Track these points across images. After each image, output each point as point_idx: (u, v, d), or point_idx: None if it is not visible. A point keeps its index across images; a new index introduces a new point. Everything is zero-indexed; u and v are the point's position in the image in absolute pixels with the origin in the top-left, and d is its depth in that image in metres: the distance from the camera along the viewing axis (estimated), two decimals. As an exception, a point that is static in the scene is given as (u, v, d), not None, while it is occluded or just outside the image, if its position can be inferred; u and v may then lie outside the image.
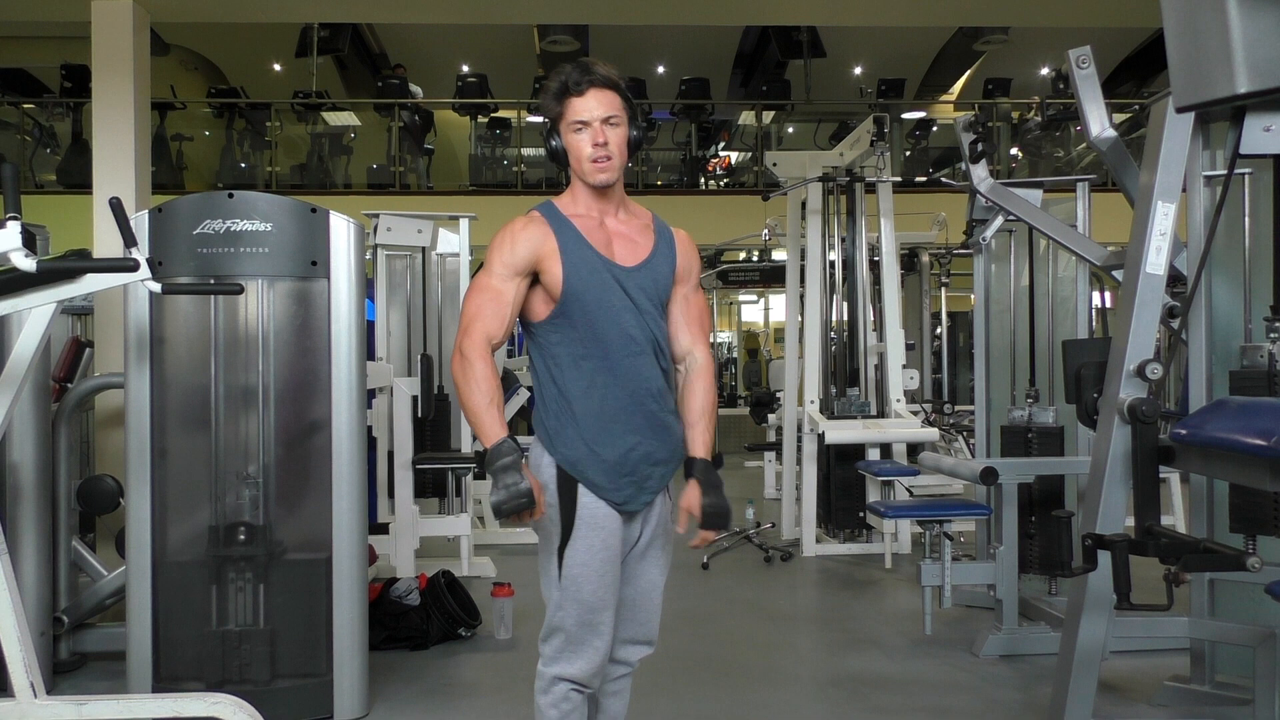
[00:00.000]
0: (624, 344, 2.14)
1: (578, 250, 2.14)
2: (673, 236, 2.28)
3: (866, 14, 7.33)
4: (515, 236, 2.15)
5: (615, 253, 2.18)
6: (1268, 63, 1.20)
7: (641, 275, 2.18)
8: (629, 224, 2.23)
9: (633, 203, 2.27)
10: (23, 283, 2.69)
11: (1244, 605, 3.19)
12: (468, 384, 2.06)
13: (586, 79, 2.12)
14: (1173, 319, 3.19)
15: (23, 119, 12.39)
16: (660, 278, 2.21)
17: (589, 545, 2.12)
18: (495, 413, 2.05)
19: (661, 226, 2.29)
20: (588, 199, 2.19)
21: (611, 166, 2.14)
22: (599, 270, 2.14)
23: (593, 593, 2.12)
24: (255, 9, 6.95)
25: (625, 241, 2.20)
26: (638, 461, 2.16)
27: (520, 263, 2.13)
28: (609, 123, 2.13)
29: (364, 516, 3.38)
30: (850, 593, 5.23)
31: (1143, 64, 13.50)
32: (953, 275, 9.35)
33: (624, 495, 2.16)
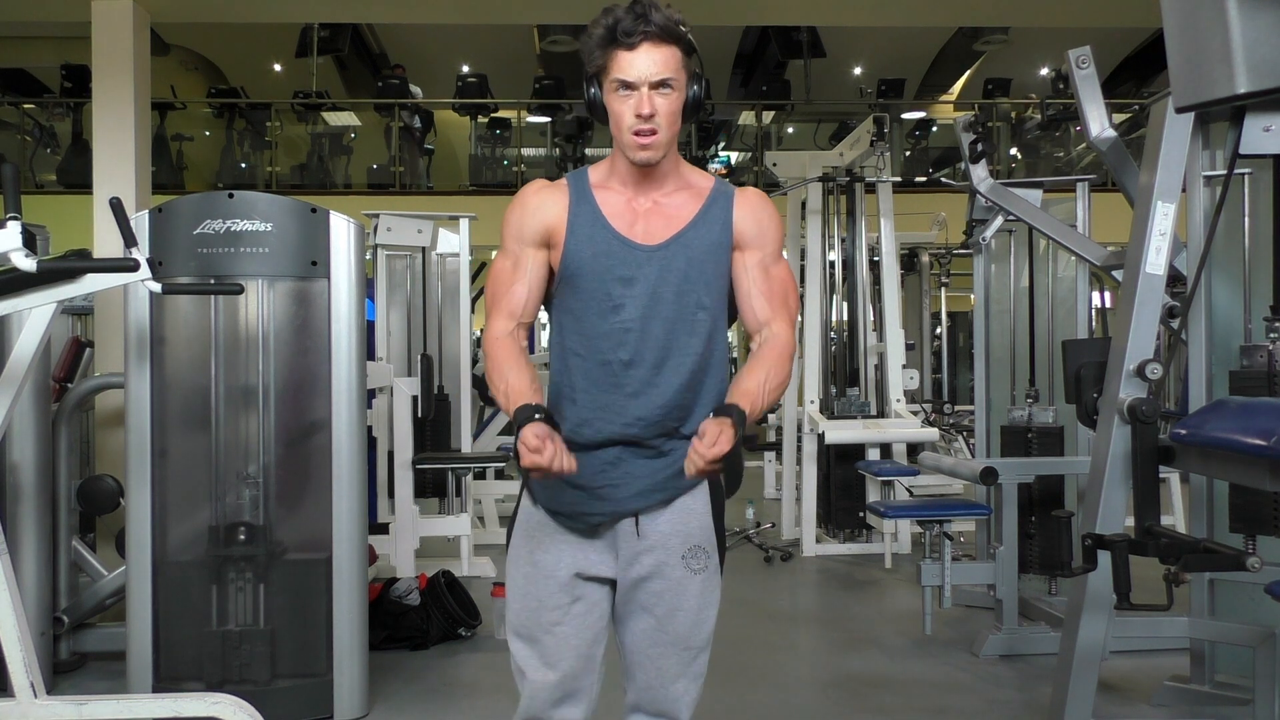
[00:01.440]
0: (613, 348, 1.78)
1: (588, 226, 1.80)
2: (733, 197, 1.85)
3: (866, 14, 7.33)
4: (525, 205, 1.85)
5: (639, 231, 1.81)
6: (1268, 63, 1.20)
7: (670, 252, 1.79)
8: (673, 196, 1.84)
9: (694, 171, 1.89)
10: (23, 283, 2.70)
11: (1244, 605, 3.19)
12: (490, 376, 1.79)
13: (641, 29, 1.69)
14: (1173, 319, 3.19)
15: (23, 119, 12.38)
16: (699, 250, 1.80)
17: (515, 556, 1.85)
18: (517, 390, 1.73)
19: (721, 190, 1.86)
20: (625, 173, 1.82)
21: (657, 143, 1.74)
22: (607, 253, 1.79)
23: (516, 615, 1.83)
24: (255, 9, 6.95)
25: (658, 218, 1.82)
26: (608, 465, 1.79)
27: (531, 233, 1.83)
28: (661, 88, 1.72)
29: (364, 516, 3.38)
30: (850, 593, 5.23)
31: (1143, 64, 13.49)
32: (953, 275, 9.35)
33: (566, 502, 1.80)
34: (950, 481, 6.27)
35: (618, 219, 1.81)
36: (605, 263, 1.79)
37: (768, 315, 1.85)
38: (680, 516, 1.82)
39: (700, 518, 1.83)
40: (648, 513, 1.81)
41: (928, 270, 9.40)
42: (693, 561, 1.82)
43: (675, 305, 1.79)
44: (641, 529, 1.81)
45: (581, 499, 1.80)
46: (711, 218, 1.83)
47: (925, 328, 9.53)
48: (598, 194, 1.83)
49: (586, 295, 1.80)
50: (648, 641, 1.84)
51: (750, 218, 1.85)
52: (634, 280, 1.79)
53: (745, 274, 1.86)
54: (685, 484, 1.79)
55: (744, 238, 1.85)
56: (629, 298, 1.78)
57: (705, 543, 1.84)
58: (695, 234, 1.81)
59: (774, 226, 1.88)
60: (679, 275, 1.79)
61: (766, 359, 1.81)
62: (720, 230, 1.83)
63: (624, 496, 1.79)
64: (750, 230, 1.85)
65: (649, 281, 1.79)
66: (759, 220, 1.86)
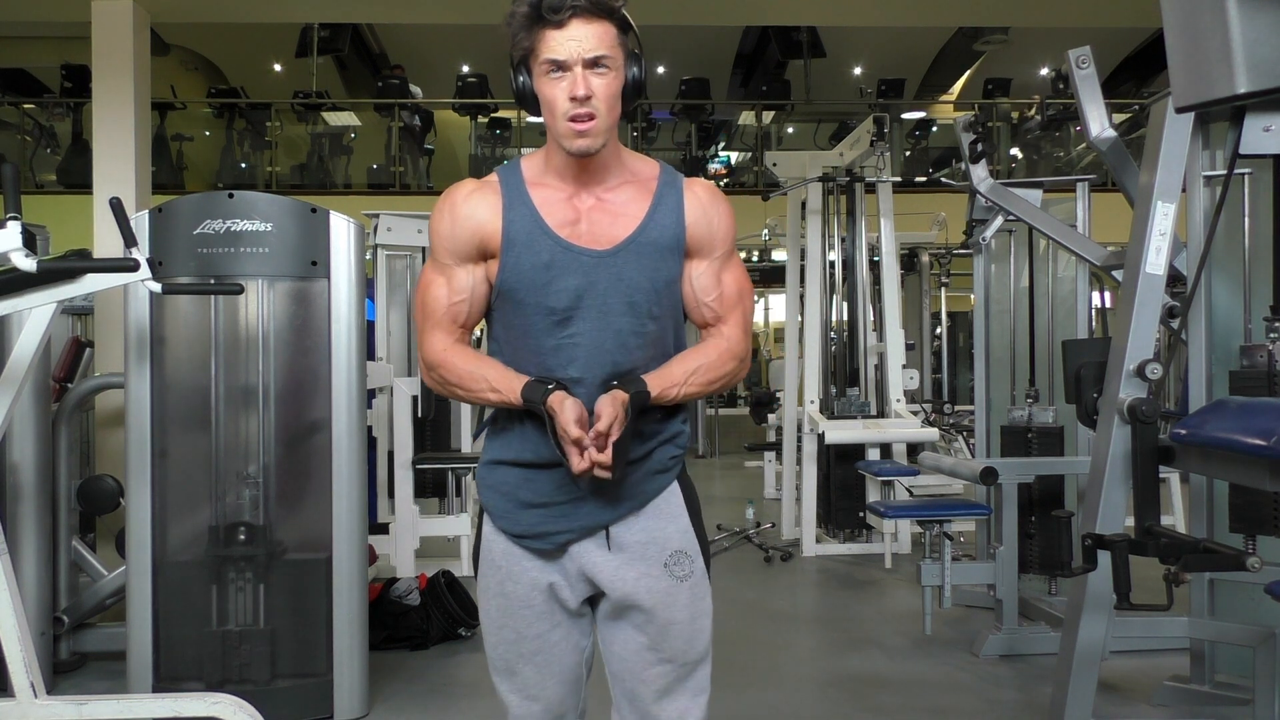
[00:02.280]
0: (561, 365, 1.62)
1: (525, 233, 1.61)
2: (682, 192, 1.68)
3: (866, 14, 7.33)
4: (454, 214, 1.64)
5: (583, 233, 1.62)
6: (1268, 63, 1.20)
7: (620, 259, 1.62)
8: (618, 191, 1.66)
9: (635, 157, 1.71)
10: (23, 283, 2.70)
11: (1244, 605, 3.19)
12: (457, 384, 1.65)
13: (569, 3, 1.52)
14: (1173, 319, 3.19)
15: (23, 119, 12.39)
16: (652, 257, 1.63)
17: (485, 587, 1.72)
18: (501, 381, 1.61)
19: (668, 182, 1.68)
20: (562, 166, 1.64)
21: (595, 129, 1.56)
22: (549, 264, 1.61)
23: (494, 648, 1.73)
24: (255, 9, 6.95)
25: (603, 216, 1.64)
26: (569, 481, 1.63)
27: (464, 248, 1.64)
28: (597, 67, 1.55)
29: (364, 516, 3.38)
30: (850, 593, 5.23)
31: (1143, 64, 13.50)
32: (953, 275, 9.35)
33: (526, 523, 1.67)
34: (950, 481, 6.27)
35: (557, 221, 1.63)
36: (547, 275, 1.61)
37: (716, 317, 1.72)
38: (655, 522, 1.69)
39: (676, 520, 1.70)
40: (619, 524, 1.67)
41: (928, 270, 9.41)
42: (676, 568, 1.69)
43: (627, 316, 1.63)
44: (614, 541, 1.67)
45: (544, 518, 1.66)
46: (662, 218, 1.66)
47: (925, 328, 9.54)
48: (534, 193, 1.65)
49: (530, 310, 1.62)
50: (641, 663, 1.69)
51: (702, 218, 1.69)
52: (580, 291, 1.61)
53: (695, 279, 1.70)
54: (654, 487, 1.69)
55: (696, 240, 1.69)
56: (576, 310, 1.61)
57: (687, 546, 1.70)
58: (646, 237, 1.64)
59: (726, 223, 1.72)
60: (629, 284, 1.62)
61: (706, 352, 1.69)
62: (673, 233, 1.66)
63: (590, 510, 1.65)
64: (702, 232, 1.69)
65: (598, 292, 1.62)
66: (710, 219, 1.70)
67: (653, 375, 1.63)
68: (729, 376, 1.71)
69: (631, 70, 1.61)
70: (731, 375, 1.71)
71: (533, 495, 1.66)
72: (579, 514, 1.66)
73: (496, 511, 1.70)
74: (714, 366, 1.68)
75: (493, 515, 1.71)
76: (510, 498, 1.68)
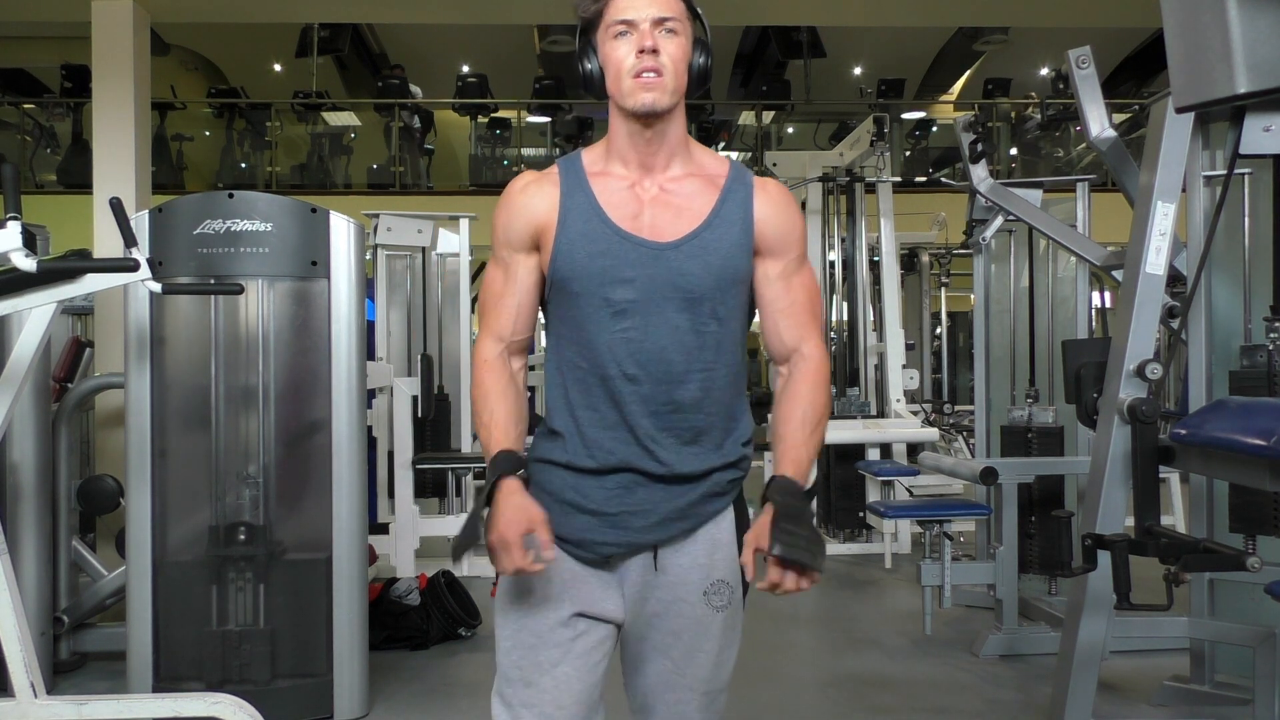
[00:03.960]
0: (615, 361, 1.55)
1: (583, 221, 1.56)
2: (752, 191, 1.60)
3: (866, 14, 7.33)
4: (511, 205, 1.61)
5: (645, 224, 1.55)
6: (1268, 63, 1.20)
7: (682, 254, 1.54)
8: (683, 183, 1.58)
9: (705, 152, 1.64)
10: (23, 283, 2.70)
11: (1244, 605, 3.19)
12: (475, 404, 1.62)
13: None
14: (1173, 319, 3.19)
15: (23, 119, 12.38)
16: (717, 255, 1.55)
17: (506, 585, 1.59)
18: (494, 428, 1.57)
19: (737, 178, 1.61)
20: (625, 146, 1.57)
21: (662, 85, 1.49)
22: (605, 252, 1.54)
23: (508, 655, 1.59)
24: (255, 9, 6.95)
25: (667, 208, 1.56)
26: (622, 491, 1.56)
27: (518, 237, 1.60)
28: (664, 27, 1.51)
29: (364, 516, 3.38)
30: (850, 593, 5.23)
31: (1143, 64, 13.49)
32: (953, 275, 9.35)
33: (571, 528, 1.56)
34: (950, 481, 6.27)
35: (618, 210, 1.56)
36: (603, 263, 1.54)
37: (796, 337, 1.62)
38: (704, 549, 1.59)
39: (726, 549, 1.61)
40: (668, 545, 1.58)
41: (928, 270, 9.40)
42: (715, 598, 1.60)
43: (685, 314, 1.54)
44: (661, 563, 1.58)
45: (593, 526, 1.57)
46: (729, 214, 1.57)
47: (925, 328, 9.53)
48: (594, 182, 1.58)
49: (584, 302, 1.55)
50: (663, 685, 1.63)
51: (773, 218, 1.60)
52: (637, 282, 1.54)
53: (767, 288, 1.61)
54: (709, 511, 1.59)
55: (765, 242, 1.59)
56: (633, 304, 1.54)
57: (729, 576, 1.61)
58: (711, 234, 1.56)
59: (797, 226, 1.64)
60: (690, 281, 1.54)
61: (801, 394, 1.59)
62: (740, 231, 1.57)
63: (642, 526, 1.56)
64: (772, 233, 1.60)
65: (655, 286, 1.54)
66: (782, 221, 1.61)
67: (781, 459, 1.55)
68: (829, 400, 1.63)
69: (699, 57, 1.57)
70: (829, 399, 1.63)
71: (582, 500, 1.57)
72: (628, 529, 1.57)
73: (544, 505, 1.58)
74: (815, 400, 1.60)
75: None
76: (556, 498, 1.58)
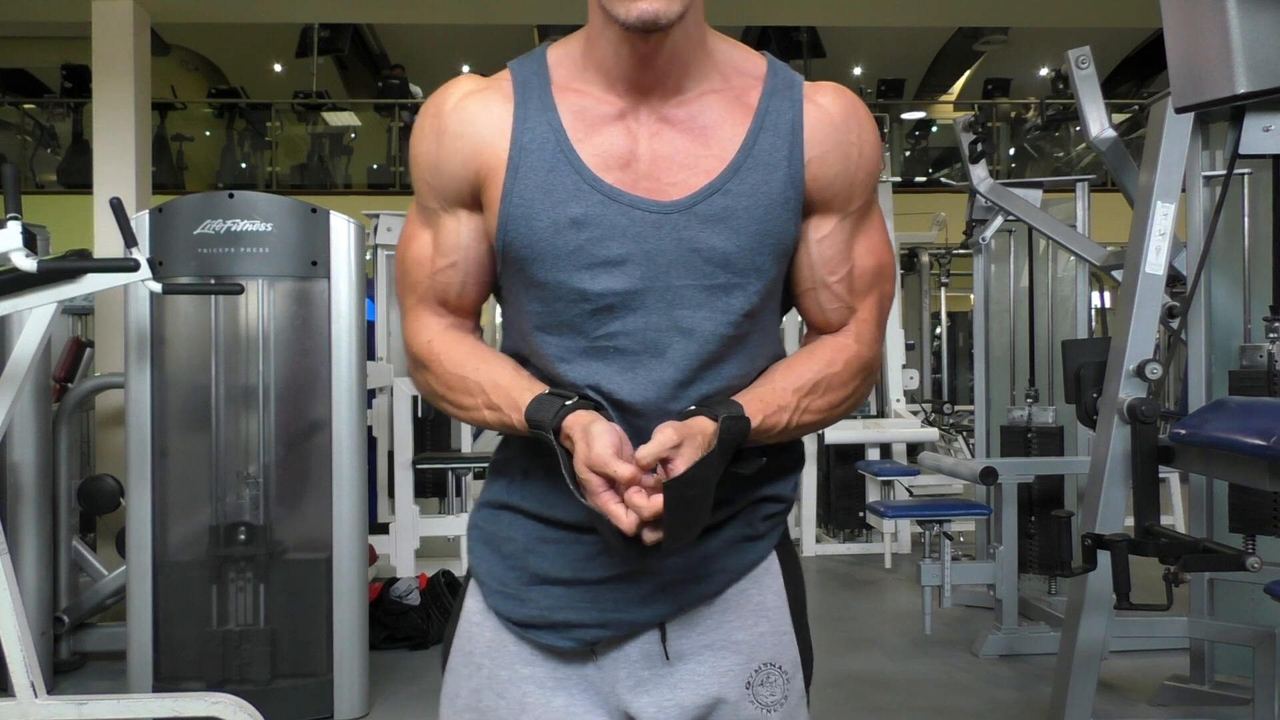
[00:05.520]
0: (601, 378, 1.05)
1: (544, 168, 1.03)
2: (802, 105, 1.06)
3: (866, 14, 7.32)
4: (441, 125, 1.07)
5: (640, 174, 1.04)
6: (1268, 63, 1.20)
7: (695, 218, 1.03)
8: (700, 105, 1.05)
9: (731, 46, 1.10)
10: (23, 283, 2.70)
11: (1243, 605, 3.19)
12: (445, 393, 1.10)
13: None
14: (1172, 319, 3.19)
15: (23, 119, 12.39)
16: (751, 215, 1.04)
17: (452, 694, 1.13)
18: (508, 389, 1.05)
19: (779, 89, 1.07)
20: (610, 58, 1.04)
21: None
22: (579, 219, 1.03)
23: None
24: (255, 9, 6.95)
25: (674, 147, 1.04)
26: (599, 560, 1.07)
27: (452, 184, 1.07)
28: None
29: (364, 516, 3.38)
30: (850, 593, 5.23)
31: (1143, 64, 13.49)
32: (953, 275, 9.35)
33: (537, 607, 1.09)
34: (950, 481, 6.28)
35: (599, 151, 1.04)
36: (575, 237, 1.03)
37: (842, 319, 1.12)
38: (737, 618, 1.10)
39: (772, 616, 1.11)
40: (680, 619, 1.09)
41: (928, 270, 9.41)
42: (763, 691, 1.10)
43: (706, 309, 1.04)
44: (673, 648, 1.08)
45: (565, 600, 1.08)
46: (768, 150, 1.05)
47: (925, 328, 9.53)
48: (563, 102, 1.06)
49: (549, 294, 1.05)
50: None
51: (836, 148, 1.07)
52: (630, 264, 1.03)
53: (816, 247, 1.09)
54: (739, 563, 1.10)
55: (821, 185, 1.06)
56: (626, 297, 1.03)
57: (782, 657, 1.11)
58: (742, 184, 1.04)
59: (870, 157, 1.09)
60: (713, 258, 1.04)
61: (824, 358, 1.09)
62: (785, 176, 1.05)
63: (639, 596, 1.07)
64: (833, 171, 1.07)
65: (659, 268, 1.03)
66: (848, 150, 1.07)
67: (749, 395, 1.04)
68: (857, 398, 1.12)
69: None
70: (861, 397, 1.13)
71: (550, 565, 1.08)
72: (619, 600, 1.08)
73: (490, 581, 1.11)
74: (839, 381, 1.09)
75: (483, 585, 1.12)
76: (514, 564, 1.10)
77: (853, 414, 6.04)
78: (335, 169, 12.61)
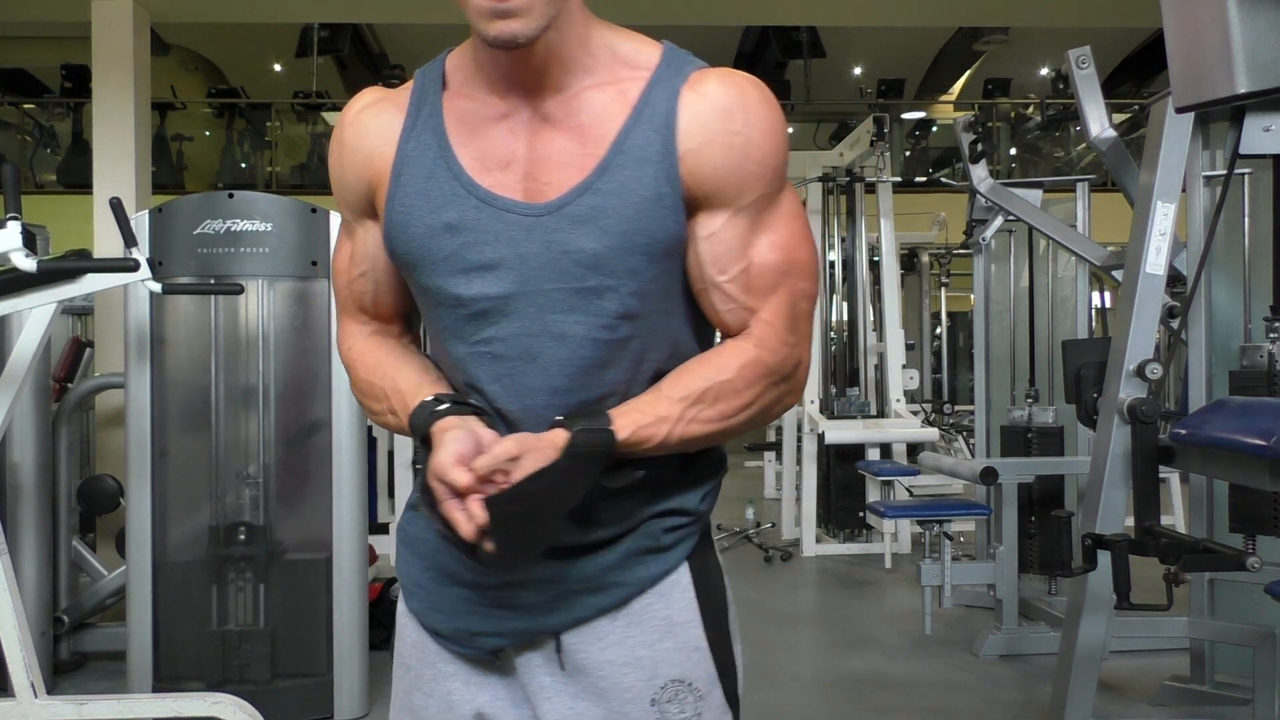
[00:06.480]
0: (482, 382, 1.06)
1: (424, 174, 1.04)
2: (678, 94, 1.01)
3: (866, 14, 7.32)
4: (341, 140, 1.11)
5: (518, 176, 1.03)
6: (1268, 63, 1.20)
7: (569, 219, 1.01)
8: (582, 102, 1.03)
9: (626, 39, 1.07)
10: (23, 283, 2.69)
11: (1244, 605, 3.19)
12: (364, 401, 1.15)
13: None
14: (1173, 319, 3.19)
15: (23, 119, 12.39)
16: (621, 214, 1.00)
17: (394, 692, 1.18)
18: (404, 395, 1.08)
19: (665, 77, 1.03)
20: (490, 61, 1.04)
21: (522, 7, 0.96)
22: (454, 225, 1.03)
23: None
24: (255, 9, 6.95)
25: (552, 147, 1.02)
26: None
27: (353, 194, 1.11)
28: None
29: (364, 516, 3.38)
30: (850, 593, 5.23)
31: (1143, 64, 13.49)
32: (953, 275, 9.36)
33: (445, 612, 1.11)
34: (950, 481, 6.27)
35: (478, 154, 1.04)
36: (451, 241, 1.03)
37: (741, 321, 1.05)
38: (640, 633, 1.07)
39: (680, 632, 1.08)
40: (579, 629, 1.07)
41: (928, 270, 9.42)
42: (671, 709, 1.06)
43: (578, 314, 1.02)
44: (570, 659, 1.07)
45: (470, 606, 1.09)
46: (640, 143, 1.00)
47: (925, 328, 9.54)
48: (450, 107, 1.07)
49: (433, 297, 1.06)
50: None
51: (716, 139, 1.00)
52: (503, 269, 1.02)
53: (706, 246, 1.03)
54: (641, 576, 1.07)
55: (699, 180, 1.01)
56: (496, 302, 1.03)
57: (693, 673, 1.07)
58: (611, 182, 1.00)
59: (762, 147, 1.01)
60: (582, 260, 1.01)
61: (717, 365, 1.03)
62: (657, 171, 1.00)
63: (537, 604, 1.06)
64: (710, 163, 1.00)
65: (530, 272, 1.01)
66: (730, 141, 1.00)
67: (629, 404, 1.02)
68: (762, 407, 1.05)
69: None
70: (767, 405, 1.05)
71: (457, 565, 1.09)
72: (519, 608, 1.07)
73: (408, 584, 1.15)
74: (730, 390, 1.02)
75: (404, 588, 1.16)
76: (429, 564, 1.12)
77: (853, 414, 6.06)
78: (335, 169, 12.62)
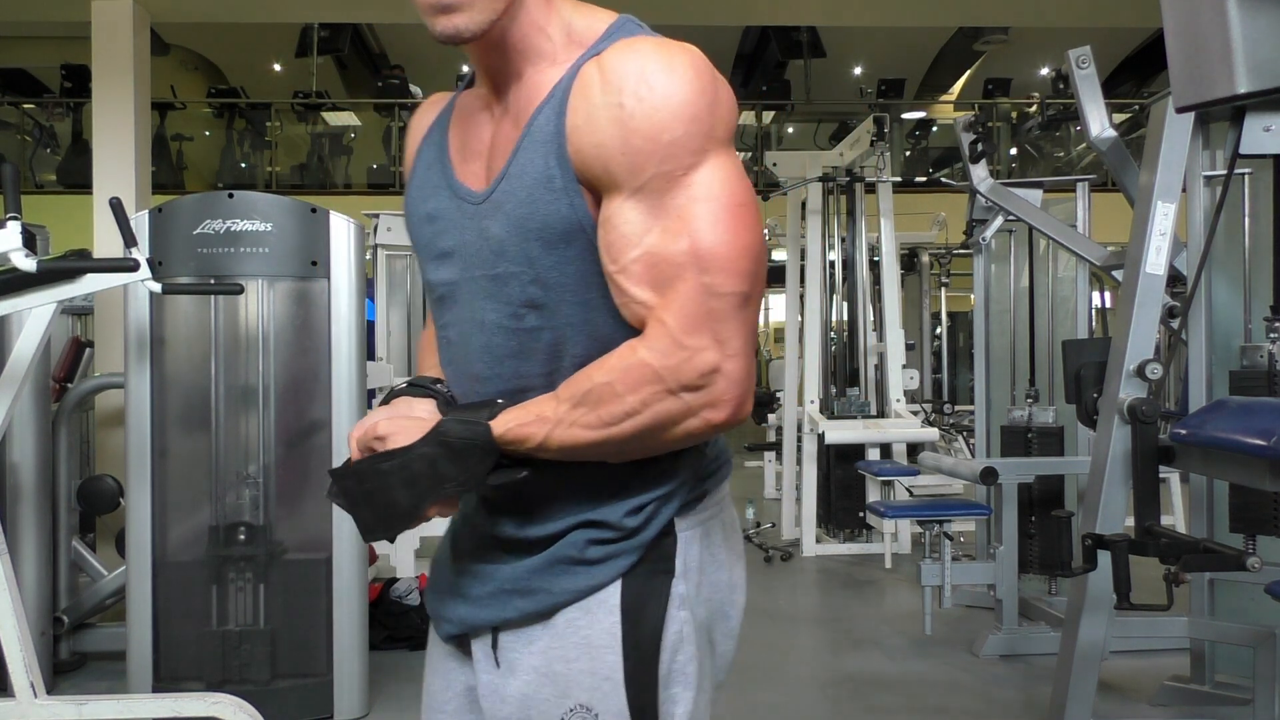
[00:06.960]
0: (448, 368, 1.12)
1: (425, 166, 1.13)
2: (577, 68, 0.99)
3: (866, 14, 7.33)
4: (406, 144, 1.21)
5: (480, 165, 1.07)
6: (1268, 63, 1.20)
7: (491, 207, 1.03)
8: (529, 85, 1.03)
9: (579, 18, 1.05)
10: (23, 283, 2.69)
11: (1244, 605, 3.19)
12: None
13: None
14: (1173, 319, 3.19)
15: (23, 119, 12.39)
16: (514, 198, 1.00)
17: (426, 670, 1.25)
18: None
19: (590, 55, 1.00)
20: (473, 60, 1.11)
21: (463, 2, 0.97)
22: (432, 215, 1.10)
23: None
24: (255, 9, 6.95)
25: (505, 132, 1.05)
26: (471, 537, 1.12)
27: None
28: None
29: (364, 516, 3.37)
30: (850, 593, 5.23)
31: (1143, 64, 13.49)
32: (953, 275, 9.36)
33: (431, 589, 1.19)
34: (950, 481, 6.27)
35: (461, 146, 1.10)
36: (428, 229, 1.10)
37: (638, 315, 0.97)
38: (561, 649, 1.03)
39: (596, 656, 1.02)
40: (515, 630, 1.06)
41: (928, 270, 9.41)
42: None
43: (493, 301, 1.03)
44: (506, 658, 1.06)
45: (437, 585, 1.17)
46: (541, 126, 0.99)
47: (925, 328, 9.54)
48: (461, 101, 1.14)
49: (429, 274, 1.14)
50: None
51: (604, 109, 0.95)
52: (455, 256, 1.07)
53: (604, 234, 0.97)
54: (565, 586, 1.03)
55: (589, 164, 0.96)
56: (449, 289, 1.09)
57: (598, 703, 1.02)
58: (516, 165, 1.00)
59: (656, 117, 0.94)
60: (493, 247, 1.02)
61: (602, 368, 0.97)
62: (549, 151, 0.98)
63: (479, 596, 1.08)
64: (600, 136, 0.95)
65: (467, 258, 1.05)
66: (617, 111, 0.94)
67: (526, 402, 1.01)
68: (655, 415, 0.95)
69: None
70: (660, 417, 0.96)
71: (456, 545, 1.15)
72: (464, 597, 1.10)
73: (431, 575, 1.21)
74: (611, 394, 0.95)
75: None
76: (450, 537, 1.18)
77: (853, 414, 6.05)
78: (335, 169, 12.62)
